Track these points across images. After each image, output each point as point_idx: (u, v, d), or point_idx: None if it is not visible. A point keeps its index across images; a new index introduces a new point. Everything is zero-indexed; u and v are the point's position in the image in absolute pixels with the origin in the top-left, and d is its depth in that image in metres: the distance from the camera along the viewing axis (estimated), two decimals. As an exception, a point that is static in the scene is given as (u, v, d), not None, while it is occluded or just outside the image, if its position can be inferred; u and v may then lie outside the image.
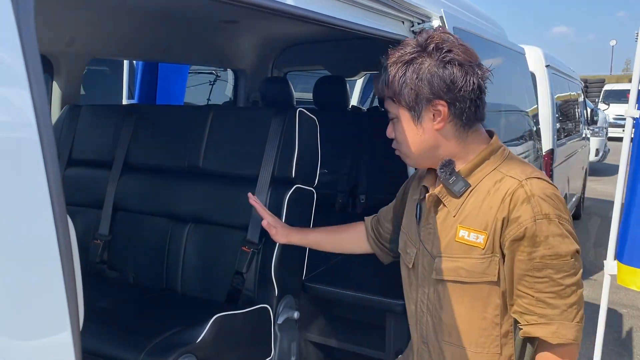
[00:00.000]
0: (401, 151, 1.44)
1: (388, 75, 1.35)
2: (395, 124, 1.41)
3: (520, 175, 1.32)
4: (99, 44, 2.94)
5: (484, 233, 1.32)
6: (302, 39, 3.79)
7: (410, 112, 1.35)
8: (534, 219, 1.25)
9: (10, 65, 0.79)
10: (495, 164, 1.37)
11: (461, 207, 1.37)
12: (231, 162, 2.26)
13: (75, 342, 0.84)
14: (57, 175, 0.83)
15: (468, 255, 1.34)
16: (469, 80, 1.32)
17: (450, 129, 1.36)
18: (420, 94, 1.32)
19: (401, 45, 1.38)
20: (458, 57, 1.32)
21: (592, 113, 8.63)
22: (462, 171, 1.37)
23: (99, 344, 1.77)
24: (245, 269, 2.09)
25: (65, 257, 0.84)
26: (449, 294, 1.39)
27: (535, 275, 1.27)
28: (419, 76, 1.31)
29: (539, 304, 1.27)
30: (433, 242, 1.42)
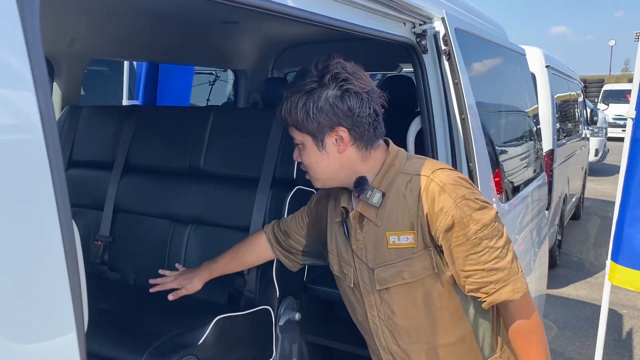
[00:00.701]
0: (309, 174, 1.50)
1: (290, 104, 1.41)
2: (301, 150, 1.47)
3: (426, 171, 1.42)
4: (100, 45, 2.94)
5: (411, 232, 1.41)
6: (303, 39, 3.79)
7: (313, 139, 1.42)
8: (455, 204, 1.35)
9: (15, 67, 0.79)
10: (398, 168, 1.46)
11: (383, 216, 1.44)
12: (232, 163, 2.26)
13: (80, 344, 0.84)
14: (62, 178, 0.83)
15: (404, 257, 1.42)
16: (365, 107, 1.40)
17: (353, 150, 1.44)
18: (321, 122, 1.39)
19: (300, 76, 1.44)
20: (353, 86, 1.39)
21: (592, 113, 8.64)
22: (374, 183, 1.45)
23: (101, 346, 1.77)
24: (246, 270, 2.08)
25: (70, 258, 0.84)
26: (396, 299, 1.46)
27: (477, 251, 1.36)
28: (318, 106, 1.39)
29: (490, 273, 1.37)
30: (367, 255, 1.48)
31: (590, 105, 9.33)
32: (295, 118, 1.41)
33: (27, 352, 0.81)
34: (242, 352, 1.95)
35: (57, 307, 0.84)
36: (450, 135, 2.18)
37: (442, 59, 2.16)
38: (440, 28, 2.16)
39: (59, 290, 0.84)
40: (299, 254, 1.84)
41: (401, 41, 2.07)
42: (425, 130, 2.16)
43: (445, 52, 2.16)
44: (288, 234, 1.84)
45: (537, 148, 4.04)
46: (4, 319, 0.77)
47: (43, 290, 0.82)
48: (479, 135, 2.20)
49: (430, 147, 2.14)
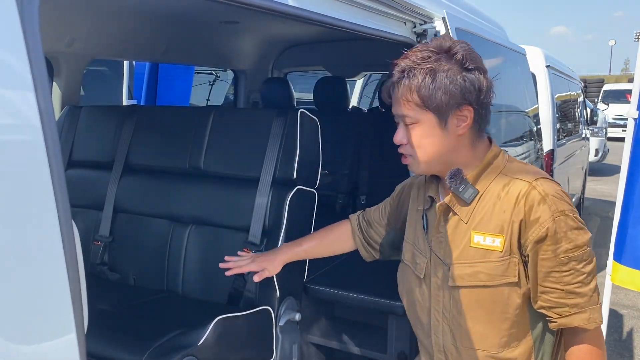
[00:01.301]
0: (415, 156, 1.41)
1: (414, 79, 1.33)
2: (413, 129, 1.38)
3: (528, 177, 1.36)
4: (99, 45, 2.93)
5: (500, 236, 1.35)
6: (303, 39, 3.79)
7: (437, 117, 1.35)
8: (553, 217, 1.30)
9: (15, 67, 0.79)
10: (499, 168, 1.40)
11: (472, 214, 1.39)
12: (232, 163, 2.26)
13: (80, 345, 0.83)
14: (61, 178, 0.83)
15: (485, 259, 1.36)
16: (490, 89, 1.36)
17: (469, 135, 1.39)
18: (452, 98, 1.32)
19: (417, 50, 1.37)
20: (481, 65, 1.35)
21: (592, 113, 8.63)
22: (470, 178, 1.40)
23: (100, 346, 1.76)
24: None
25: (69, 259, 0.83)
26: (467, 300, 1.40)
27: (562, 270, 1.31)
28: (452, 81, 1.32)
29: (568, 296, 1.32)
30: (445, 250, 1.43)
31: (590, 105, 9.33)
32: (421, 94, 1.33)
33: (27, 352, 0.80)
34: (242, 353, 1.95)
35: (57, 307, 0.84)
36: (451, 135, 2.17)
37: (443, 59, 2.16)
38: (440, 28, 2.16)
39: (59, 290, 0.83)
40: (376, 246, 1.79)
41: (402, 41, 2.06)
42: (426, 130, 2.15)
43: (445, 51, 2.15)
44: (370, 223, 1.80)
45: (537, 148, 4.04)
46: (4, 320, 0.77)
47: (43, 290, 0.82)
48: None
49: (431, 147, 2.13)
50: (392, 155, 3.22)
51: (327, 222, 2.10)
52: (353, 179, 3.61)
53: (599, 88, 11.76)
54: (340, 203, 3.58)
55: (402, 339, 2.25)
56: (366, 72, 5.53)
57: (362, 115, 4.15)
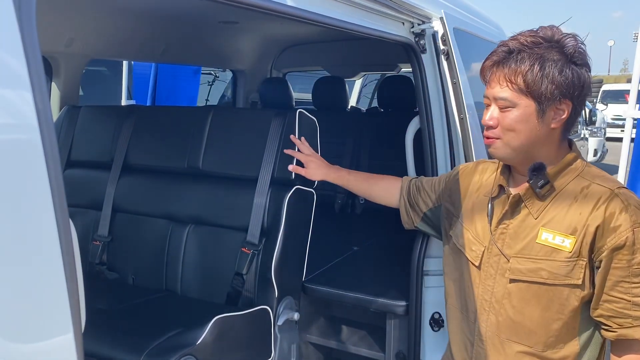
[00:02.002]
0: (506, 140, 1.39)
1: (522, 63, 1.33)
2: (508, 112, 1.37)
3: (609, 184, 1.35)
4: (98, 45, 2.93)
5: (571, 237, 1.34)
6: (302, 39, 3.79)
7: (537, 105, 1.34)
8: (632, 227, 1.29)
9: (12, 67, 0.79)
10: (577, 171, 1.40)
11: (544, 210, 1.38)
12: (231, 163, 2.26)
13: (77, 344, 0.83)
14: (59, 177, 0.83)
15: (550, 258, 1.35)
16: (590, 87, 1.35)
17: (560, 130, 1.38)
18: (557, 89, 1.31)
19: (526, 35, 1.36)
20: (587, 61, 1.35)
21: (591, 113, 8.64)
22: (549, 174, 1.38)
23: (99, 346, 1.76)
24: (245, 270, 2.08)
25: (67, 258, 0.83)
26: (522, 294, 1.39)
27: (633, 281, 1.30)
28: (560, 72, 1.31)
29: (634, 308, 1.31)
30: (509, 242, 1.42)
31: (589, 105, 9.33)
32: (527, 80, 1.31)
33: (25, 352, 0.80)
34: (240, 352, 1.95)
35: (54, 307, 0.84)
36: (449, 135, 2.18)
37: (441, 59, 2.16)
38: (438, 28, 2.16)
39: (56, 290, 0.83)
40: (419, 213, 1.78)
41: (400, 41, 2.06)
42: (424, 130, 2.16)
43: (444, 51, 2.16)
44: (420, 190, 1.79)
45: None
46: (2, 319, 0.77)
47: (40, 290, 0.82)
48: (477, 134, 2.19)
49: (429, 147, 2.14)
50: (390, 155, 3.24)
51: (326, 222, 2.11)
52: (352, 178, 3.61)
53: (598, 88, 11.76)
54: (339, 203, 3.58)
55: (400, 339, 2.25)
56: (365, 72, 5.53)
57: (360, 115, 4.16)
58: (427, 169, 2.16)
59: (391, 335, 2.28)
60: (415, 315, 2.12)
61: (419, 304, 2.11)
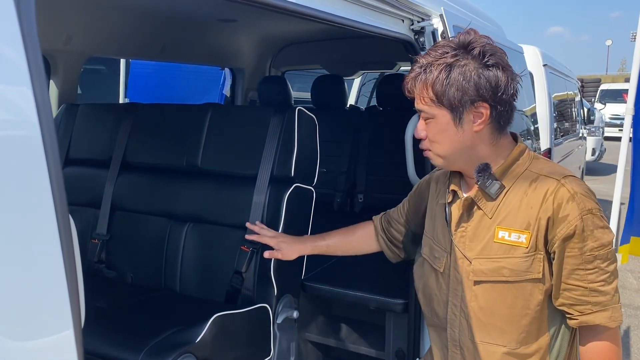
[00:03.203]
0: (434, 151, 1.42)
1: (430, 75, 1.34)
2: (429, 124, 1.39)
3: (556, 175, 1.36)
4: (97, 43, 2.93)
5: (526, 232, 1.35)
6: (301, 37, 3.78)
7: (451, 113, 1.35)
8: (581, 215, 1.31)
9: (12, 63, 0.79)
10: (525, 165, 1.41)
11: (497, 209, 1.39)
12: (230, 161, 2.25)
13: (77, 342, 0.83)
14: (59, 174, 0.83)
15: (510, 255, 1.37)
16: (510, 85, 1.34)
17: (487, 131, 1.38)
18: (465, 95, 1.32)
19: (438, 46, 1.37)
20: (501, 61, 1.34)
21: (589, 112, 8.64)
22: (496, 173, 1.39)
23: (98, 344, 1.76)
24: (244, 268, 2.08)
25: (67, 255, 0.83)
26: (488, 295, 1.40)
27: (587, 268, 1.32)
28: (465, 77, 1.31)
29: (592, 294, 1.33)
30: (469, 245, 1.43)
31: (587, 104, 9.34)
32: (435, 90, 1.33)
33: (25, 349, 0.80)
34: (239, 350, 1.95)
35: (54, 304, 0.83)
36: (449, 133, 2.17)
37: (441, 57, 2.16)
38: (438, 25, 2.16)
39: (56, 287, 0.83)
40: (399, 244, 1.78)
41: (399, 38, 2.06)
42: (424, 128, 2.15)
43: (443, 49, 2.15)
44: (390, 222, 1.79)
45: (534, 147, 4.05)
46: (1, 317, 0.77)
47: (40, 287, 0.81)
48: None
49: (429, 145, 2.13)
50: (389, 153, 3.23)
51: (325, 220, 2.10)
52: (350, 177, 3.61)
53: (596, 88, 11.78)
54: (337, 201, 3.58)
55: (400, 337, 2.25)
56: (364, 71, 5.53)
57: (359, 113, 4.15)
58: (427, 167, 2.16)
59: (390, 333, 2.28)
60: (415, 313, 2.12)
61: (418, 301, 2.11)
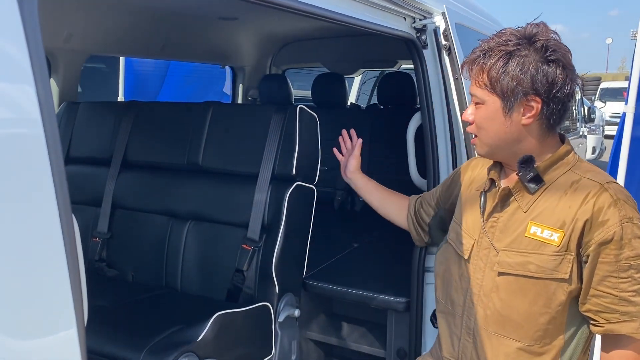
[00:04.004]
0: (480, 137, 1.42)
1: (488, 60, 1.33)
2: (479, 109, 1.38)
3: (600, 178, 1.35)
4: (97, 41, 2.92)
5: (559, 231, 1.33)
6: (301, 35, 3.78)
7: (502, 101, 1.34)
8: (621, 222, 1.28)
9: (15, 61, 0.78)
10: (568, 165, 1.40)
11: (534, 204, 1.38)
12: (231, 159, 2.25)
13: (80, 339, 0.83)
14: (61, 171, 0.82)
15: (538, 251, 1.35)
16: (568, 84, 1.33)
17: (536, 126, 1.37)
18: (519, 85, 1.31)
19: (503, 33, 1.37)
20: (563, 58, 1.33)
21: (590, 111, 8.63)
22: (539, 168, 1.38)
23: (99, 343, 1.76)
24: (245, 266, 2.08)
25: (70, 253, 0.83)
26: (510, 288, 1.39)
27: (620, 276, 1.29)
28: (522, 68, 1.31)
29: (621, 303, 1.30)
30: (499, 235, 1.42)
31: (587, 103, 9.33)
32: (490, 76, 1.33)
33: (29, 348, 0.80)
34: (241, 349, 1.94)
35: (58, 302, 0.83)
36: (451, 131, 2.17)
37: (443, 54, 2.15)
38: (440, 23, 2.15)
39: (59, 285, 0.82)
40: (425, 227, 1.79)
41: (401, 36, 2.05)
42: (425, 125, 2.15)
43: (445, 47, 2.15)
44: (422, 204, 1.80)
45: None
46: (6, 315, 0.76)
47: (43, 285, 0.81)
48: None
49: (430, 143, 2.13)
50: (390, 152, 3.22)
51: (326, 219, 2.10)
52: (351, 176, 3.60)
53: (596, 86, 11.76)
54: (338, 200, 3.57)
55: (401, 336, 2.24)
56: (364, 69, 5.52)
57: (360, 112, 4.15)
58: (428, 165, 2.16)
59: (392, 332, 2.28)
60: (417, 311, 2.12)
61: (420, 300, 2.11)
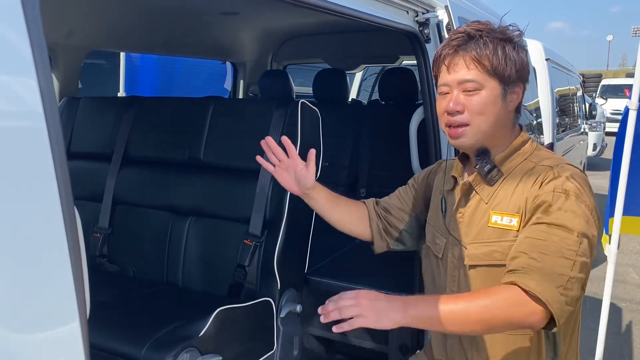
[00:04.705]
0: (475, 125, 1.37)
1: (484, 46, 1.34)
2: (474, 96, 1.36)
3: (552, 162, 1.37)
4: (98, 37, 2.91)
5: (517, 216, 1.35)
6: (302, 31, 3.76)
7: (502, 86, 1.36)
8: (553, 192, 1.29)
9: (17, 55, 0.77)
10: (525, 155, 1.42)
11: (494, 195, 1.40)
12: (232, 154, 2.24)
13: (83, 333, 0.82)
14: (64, 165, 0.82)
15: (502, 239, 1.36)
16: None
17: (512, 115, 1.41)
18: (517, 72, 1.36)
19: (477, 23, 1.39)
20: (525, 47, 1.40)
21: (591, 108, 8.63)
22: (497, 160, 1.41)
23: (101, 338, 1.75)
24: (247, 262, 2.07)
25: (72, 246, 0.82)
26: (482, 279, 1.40)
27: (538, 237, 1.26)
28: (518, 55, 1.36)
29: (530, 260, 1.24)
30: (464, 230, 1.44)
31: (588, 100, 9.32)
32: (492, 60, 1.33)
33: (31, 341, 0.79)
34: (243, 344, 1.94)
35: (60, 296, 0.82)
36: (453, 126, 2.16)
37: (445, 49, 2.14)
38: (443, 16, 2.14)
39: (62, 279, 0.82)
40: (395, 233, 1.69)
41: (404, 30, 2.04)
42: (428, 120, 2.14)
43: (448, 41, 2.13)
44: (388, 210, 1.72)
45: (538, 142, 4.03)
46: (9, 309, 0.76)
47: (46, 279, 0.81)
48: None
49: (433, 137, 2.12)
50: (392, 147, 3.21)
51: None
52: (353, 171, 3.59)
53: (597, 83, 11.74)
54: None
55: (403, 331, 2.24)
56: (366, 65, 5.51)
57: (361, 107, 4.14)
58: (430, 159, 2.15)
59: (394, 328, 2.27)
60: (419, 307, 2.11)
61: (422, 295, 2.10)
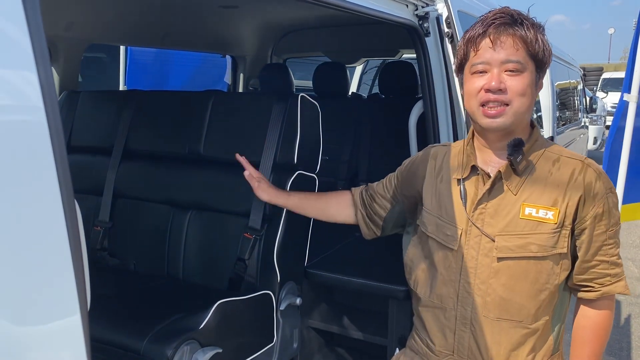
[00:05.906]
0: (514, 106, 1.37)
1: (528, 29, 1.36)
2: (517, 77, 1.36)
3: (577, 156, 1.43)
4: (98, 30, 2.91)
5: (553, 209, 1.38)
6: (302, 24, 3.76)
7: (537, 72, 1.40)
8: (606, 193, 1.38)
9: (16, 48, 0.78)
10: (543, 146, 1.45)
11: (522, 186, 1.41)
12: (232, 148, 2.24)
13: (84, 325, 0.83)
14: (64, 158, 0.82)
15: (537, 231, 1.39)
16: None
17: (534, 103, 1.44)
18: (547, 60, 1.40)
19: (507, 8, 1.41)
20: None
21: (591, 101, 8.61)
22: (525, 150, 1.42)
23: (101, 330, 1.76)
24: (247, 255, 2.08)
25: (73, 239, 0.83)
26: (512, 271, 1.41)
27: (609, 243, 1.40)
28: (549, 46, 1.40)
29: (611, 267, 1.41)
30: (489, 221, 1.43)
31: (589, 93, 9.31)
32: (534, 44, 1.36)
33: (33, 334, 0.80)
34: (243, 337, 1.95)
35: (61, 289, 0.83)
36: (453, 119, 2.17)
37: (445, 42, 2.14)
38: (443, 10, 2.14)
39: (63, 272, 0.83)
40: (379, 221, 1.75)
41: (403, 23, 2.04)
42: (427, 114, 2.15)
43: (448, 34, 2.14)
44: (374, 197, 1.76)
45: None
46: (10, 302, 0.76)
47: (46, 272, 0.81)
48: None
49: (432, 131, 2.13)
50: (392, 141, 3.22)
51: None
52: (353, 165, 3.60)
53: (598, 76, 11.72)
54: (339, 190, 3.57)
55: (403, 324, 2.25)
56: (366, 58, 5.51)
57: (361, 101, 4.14)
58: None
59: (393, 320, 2.28)
60: (418, 300, 2.12)
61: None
